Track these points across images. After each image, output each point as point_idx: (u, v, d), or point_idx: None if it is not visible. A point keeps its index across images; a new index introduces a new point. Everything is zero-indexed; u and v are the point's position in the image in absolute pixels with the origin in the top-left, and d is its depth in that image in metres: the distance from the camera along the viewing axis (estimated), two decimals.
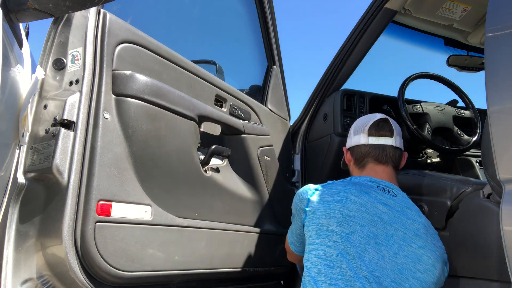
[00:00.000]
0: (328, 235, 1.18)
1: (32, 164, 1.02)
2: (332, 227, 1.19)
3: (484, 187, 1.36)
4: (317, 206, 1.24)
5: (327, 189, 1.30)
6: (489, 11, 0.98)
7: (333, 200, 1.24)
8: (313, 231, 1.22)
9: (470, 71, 2.42)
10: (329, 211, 1.21)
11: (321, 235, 1.19)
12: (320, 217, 1.21)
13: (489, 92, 0.94)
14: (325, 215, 1.21)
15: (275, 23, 2.05)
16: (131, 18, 1.25)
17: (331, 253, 1.15)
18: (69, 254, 0.98)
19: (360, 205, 1.22)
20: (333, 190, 1.28)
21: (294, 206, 1.35)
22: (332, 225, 1.19)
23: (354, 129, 1.50)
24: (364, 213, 1.21)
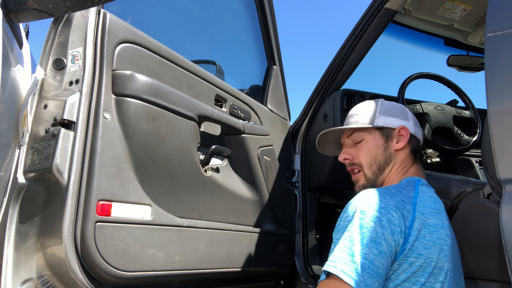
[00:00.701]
0: (437, 273, 0.95)
1: (32, 164, 1.02)
2: (442, 263, 0.96)
3: (484, 187, 1.36)
4: (424, 230, 0.96)
5: (423, 204, 1.01)
6: (489, 11, 0.98)
7: (436, 223, 0.99)
8: (416, 266, 0.94)
9: (470, 71, 2.42)
10: (437, 239, 0.97)
11: (428, 272, 0.94)
12: (430, 247, 0.96)
13: (489, 92, 0.94)
14: (434, 245, 0.97)
15: (275, 23, 2.05)
16: (131, 18, 1.25)
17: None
18: (69, 254, 0.98)
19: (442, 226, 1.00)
20: (430, 207, 1.01)
21: (380, 223, 0.93)
22: (442, 260, 0.96)
23: (407, 113, 1.27)
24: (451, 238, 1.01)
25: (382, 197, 0.98)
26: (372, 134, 1.22)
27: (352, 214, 0.96)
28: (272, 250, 1.73)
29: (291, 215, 1.97)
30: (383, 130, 1.22)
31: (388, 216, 0.95)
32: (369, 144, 1.20)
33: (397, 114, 1.24)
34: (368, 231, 0.92)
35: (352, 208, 0.98)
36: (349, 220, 0.96)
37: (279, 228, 1.80)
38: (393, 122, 1.22)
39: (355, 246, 0.90)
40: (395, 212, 0.96)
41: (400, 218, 0.95)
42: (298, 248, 1.98)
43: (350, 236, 0.93)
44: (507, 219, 0.91)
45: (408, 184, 1.09)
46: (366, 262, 0.88)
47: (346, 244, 0.92)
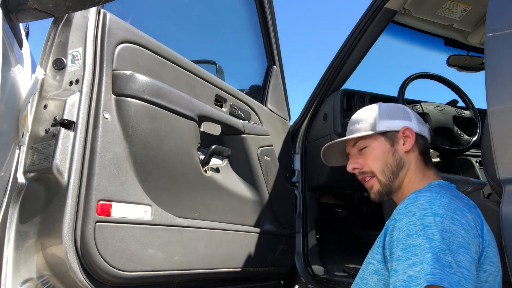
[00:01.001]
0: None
1: (32, 164, 1.02)
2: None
3: (484, 187, 1.36)
4: (488, 235, 0.89)
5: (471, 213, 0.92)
6: (489, 11, 0.98)
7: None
8: (488, 274, 0.87)
9: (470, 71, 2.42)
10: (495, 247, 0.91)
11: (498, 283, 0.89)
12: (496, 255, 0.89)
13: (489, 92, 0.94)
14: (497, 253, 0.91)
15: (275, 23, 2.05)
16: (131, 18, 1.25)
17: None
18: (69, 254, 0.98)
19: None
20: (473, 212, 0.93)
21: (462, 226, 0.84)
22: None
23: (408, 112, 1.21)
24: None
25: (450, 198, 0.89)
26: (376, 140, 1.17)
27: (423, 218, 0.84)
28: (272, 250, 1.73)
29: (291, 215, 1.97)
30: (387, 134, 1.18)
31: (465, 218, 0.86)
32: (375, 150, 1.16)
33: (398, 115, 1.20)
34: (453, 236, 0.82)
35: (420, 212, 0.86)
36: (425, 226, 0.83)
37: (279, 228, 1.80)
38: (396, 124, 1.18)
39: (448, 256, 0.78)
40: (469, 214, 0.87)
41: (474, 219, 0.88)
42: (298, 248, 1.98)
43: (439, 243, 0.80)
44: (507, 219, 0.91)
45: (448, 188, 1.05)
46: (465, 271, 0.78)
47: (437, 253, 0.79)
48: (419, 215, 0.86)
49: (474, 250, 0.83)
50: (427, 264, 0.77)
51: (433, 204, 0.86)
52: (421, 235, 0.82)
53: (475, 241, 0.84)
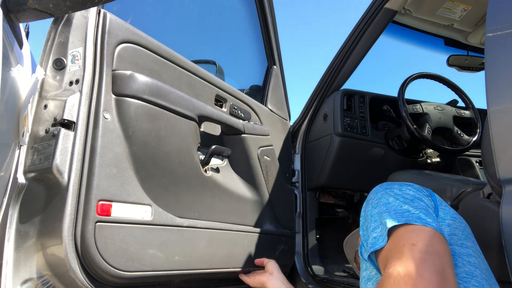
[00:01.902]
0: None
1: (32, 164, 1.02)
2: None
3: (484, 187, 1.36)
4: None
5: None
6: (489, 11, 0.98)
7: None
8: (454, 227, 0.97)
9: (470, 71, 2.42)
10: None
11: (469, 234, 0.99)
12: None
13: (489, 92, 0.94)
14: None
15: (275, 23, 2.05)
16: (131, 18, 1.25)
17: None
18: (69, 254, 0.98)
19: None
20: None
21: (410, 190, 0.96)
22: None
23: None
24: None
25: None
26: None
27: (373, 200, 0.93)
28: (272, 250, 1.73)
29: (291, 215, 1.97)
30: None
31: (413, 189, 0.93)
32: None
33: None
34: (404, 194, 0.90)
35: (369, 200, 0.95)
36: (376, 199, 0.92)
37: (279, 228, 1.80)
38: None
39: (404, 205, 0.86)
40: (414, 189, 0.94)
41: (422, 194, 0.93)
42: (298, 248, 1.98)
43: (386, 207, 0.88)
44: (507, 219, 0.92)
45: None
46: (423, 210, 0.85)
47: (386, 212, 0.86)
48: (369, 203, 0.94)
49: (427, 202, 0.90)
50: (385, 221, 0.84)
51: (378, 189, 0.96)
52: (375, 209, 0.90)
53: (427, 199, 0.91)
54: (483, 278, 0.86)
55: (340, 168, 2.04)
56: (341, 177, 2.08)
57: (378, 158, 2.07)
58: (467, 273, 0.85)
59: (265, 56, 2.08)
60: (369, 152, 2.05)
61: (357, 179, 2.12)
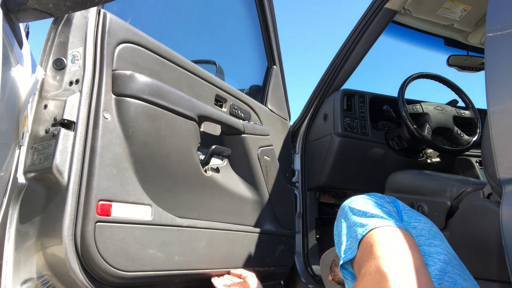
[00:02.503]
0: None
1: (32, 164, 1.02)
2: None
3: (484, 187, 1.36)
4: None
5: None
6: (489, 11, 0.98)
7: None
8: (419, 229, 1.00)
9: (470, 71, 2.42)
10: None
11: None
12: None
13: (489, 92, 0.94)
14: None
15: (275, 23, 2.05)
16: (131, 18, 1.25)
17: None
18: (69, 254, 0.98)
19: None
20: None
21: (373, 200, 1.02)
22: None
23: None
24: None
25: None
26: None
27: (343, 210, 0.98)
28: (272, 250, 1.73)
29: (291, 215, 1.97)
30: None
31: (373, 200, 0.97)
32: None
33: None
34: (365, 204, 0.94)
35: (341, 209, 1.00)
36: (343, 215, 0.97)
37: (279, 228, 1.80)
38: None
39: (364, 217, 0.89)
40: (379, 199, 0.99)
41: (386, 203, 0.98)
42: (298, 248, 1.98)
43: (352, 220, 0.92)
44: (507, 219, 0.91)
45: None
46: (379, 214, 0.88)
47: (353, 224, 0.90)
48: (338, 219, 0.99)
49: (390, 207, 0.93)
50: (353, 234, 0.88)
51: (344, 204, 0.99)
52: (344, 223, 0.94)
53: (389, 205, 0.95)
54: (456, 273, 0.89)
55: (340, 168, 2.04)
56: (341, 177, 2.08)
57: (378, 158, 2.07)
58: (440, 271, 0.87)
59: (265, 56, 2.08)
60: (369, 152, 2.05)
61: (357, 179, 2.12)
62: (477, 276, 1.31)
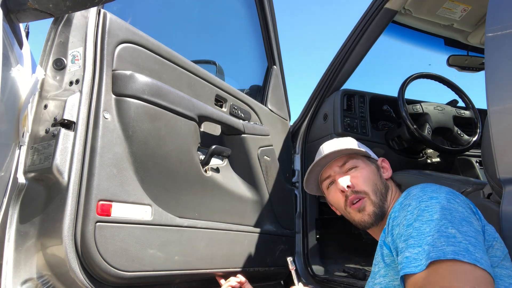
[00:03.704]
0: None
1: (32, 164, 1.02)
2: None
3: (484, 187, 1.36)
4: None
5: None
6: (489, 11, 0.98)
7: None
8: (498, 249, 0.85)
9: (470, 71, 2.42)
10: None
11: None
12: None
13: (489, 92, 0.94)
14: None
15: (275, 23, 2.05)
16: (131, 18, 1.25)
17: None
18: (69, 254, 0.98)
19: None
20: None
21: (462, 204, 0.86)
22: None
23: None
24: None
25: (440, 185, 0.92)
26: (365, 162, 1.18)
27: (419, 204, 0.85)
28: (272, 250, 1.73)
29: (291, 215, 1.97)
30: (371, 159, 1.21)
31: (459, 197, 0.87)
32: (366, 171, 1.15)
33: (370, 150, 1.25)
34: (453, 211, 0.81)
35: (415, 201, 0.87)
36: (422, 211, 0.83)
37: (279, 228, 1.80)
38: (373, 155, 1.23)
39: (450, 228, 0.77)
40: (461, 196, 0.89)
41: (467, 201, 0.89)
42: (298, 248, 1.98)
43: (438, 221, 0.79)
44: (507, 219, 0.91)
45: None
46: (472, 239, 0.76)
47: (439, 229, 0.78)
48: (414, 204, 0.86)
49: (476, 224, 0.81)
50: (427, 245, 0.76)
51: (425, 191, 0.87)
52: (418, 220, 0.82)
53: (474, 217, 0.83)
54: None
55: None
56: None
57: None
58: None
59: (265, 56, 2.08)
60: None
61: None
62: None
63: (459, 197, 0.87)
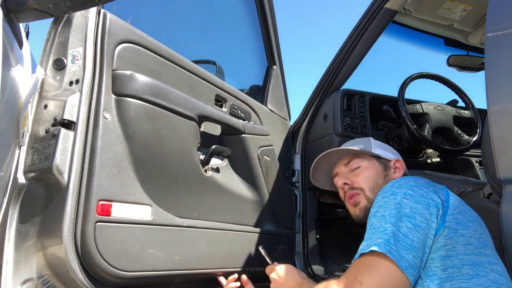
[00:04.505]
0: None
1: (32, 164, 1.02)
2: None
3: (484, 187, 1.36)
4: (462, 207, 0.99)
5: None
6: (489, 11, 0.98)
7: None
8: (472, 236, 0.94)
9: (470, 71, 2.42)
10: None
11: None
12: (472, 221, 0.99)
13: (489, 92, 0.94)
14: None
15: (275, 23, 2.05)
16: (131, 18, 1.25)
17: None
18: (69, 254, 0.98)
19: None
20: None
21: (413, 199, 0.94)
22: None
23: (397, 153, 1.38)
24: None
25: (410, 179, 1.00)
26: (370, 162, 1.26)
27: (381, 200, 0.97)
28: (272, 250, 1.73)
29: (291, 215, 1.97)
30: (381, 160, 1.28)
31: (420, 192, 0.94)
32: (368, 170, 1.23)
33: (390, 150, 1.33)
34: (400, 207, 0.91)
35: (382, 194, 0.99)
36: (381, 205, 0.96)
37: (279, 228, 1.80)
38: (388, 155, 1.30)
39: (387, 224, 0.90)
40: (426, 188, 0.96)
41: (434, 192, 0.96)
42: (298, 248, 1.98)
43: (381, 216, 0.92)
44: (507, 219, 0.92)
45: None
46: (400, 234, 0.87)
47: (378, 225, 0.91)
48: (378, 199, 0.98)
49: (421, 219, 0.90)
50: (366, 240, 0.91)
51: (392, 186, 0.98)
52: (374, 216, 0.95)
53: (428, 211, 0.91)
54: (510, 284, 0.86)
55: None
56: None
57: None
58: (492, 282, 0.83)
59: (265, 56, 2.08)
60: None
61: None
62: None
63: (420, 191, 0.94)
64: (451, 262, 0.87)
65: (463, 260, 0.86)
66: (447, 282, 0.84)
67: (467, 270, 0.85)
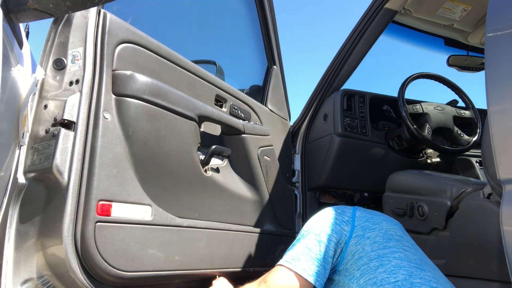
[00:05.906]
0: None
1: (32, 164, 1.02)
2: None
3: (484, 187, 1.36)
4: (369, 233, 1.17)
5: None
6: (489, 11, 0.98)
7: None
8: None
9: (470, 71, 2.42)
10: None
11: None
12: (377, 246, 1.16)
13: (489, 92, 0.94)
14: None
15: (275, 23, 2.05)
16: (131, 18, 1.25)
17: None
18: (69, 254, 0.98)
19: None
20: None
21: (322, 223, 1.17)
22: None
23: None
24: None
25: (327, 212, 1.18)
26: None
27: (307, 224, 1.18)
28: (272, 250, 1.73)
29: (291, 215, 1.97)
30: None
31: (328, 223, 1.13)
32: None
33: None
34: (308, 235, 1.12)
35: (309, 221, 1.19)
36: (302, 230, 1.17)
37: (279, 228, 1.80)
38: None
39: (296, 242, 1.13)
40: (335, 219, 1.15)
41: (340, 223, 1.14)
42: None
43: (296, 241, 1.15)
44: (507, 219, 0.91)
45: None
46: (305, 249, 1.08)
47: (294, 250, 1.12)
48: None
49: (326, 238, 1.09)
50: (287, 253, 1.12)
51: (315, 217, 1.18)
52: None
53: (333, 235, 1.10)
54: (412, 266, 1.02)
55: (340, 168, 2.04)
56: (341, 177, 2.08)
57: (378, 158, 2.06)
58: (394, 266, 1.01)
59: (265, 56, 2.08)
60: (369, 152, 2.05)
61: (357, 179, 2.12)
62: (477, 276, 1.32)
63: (329, 224, 1.12)
64: (362, 261, 1.05)
65: (371, 256, 1.05)
66: (361, 278, 1.02)
67: (374, 263, 1.03)
